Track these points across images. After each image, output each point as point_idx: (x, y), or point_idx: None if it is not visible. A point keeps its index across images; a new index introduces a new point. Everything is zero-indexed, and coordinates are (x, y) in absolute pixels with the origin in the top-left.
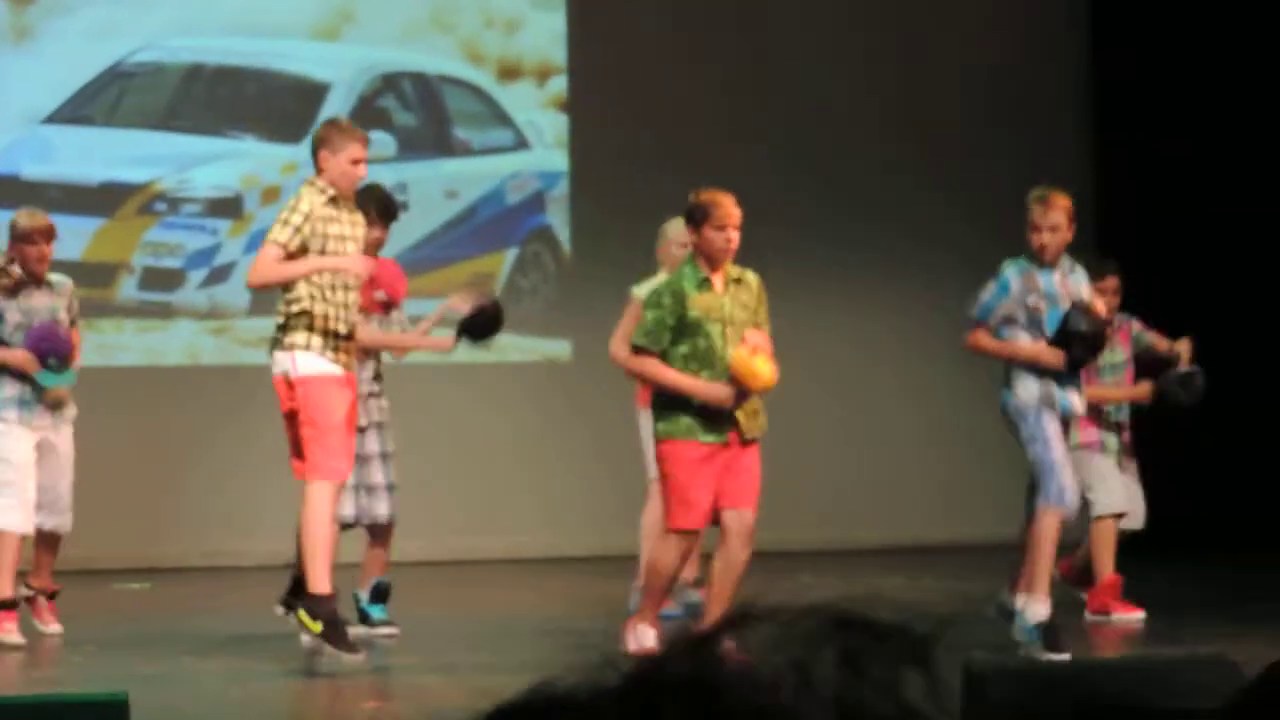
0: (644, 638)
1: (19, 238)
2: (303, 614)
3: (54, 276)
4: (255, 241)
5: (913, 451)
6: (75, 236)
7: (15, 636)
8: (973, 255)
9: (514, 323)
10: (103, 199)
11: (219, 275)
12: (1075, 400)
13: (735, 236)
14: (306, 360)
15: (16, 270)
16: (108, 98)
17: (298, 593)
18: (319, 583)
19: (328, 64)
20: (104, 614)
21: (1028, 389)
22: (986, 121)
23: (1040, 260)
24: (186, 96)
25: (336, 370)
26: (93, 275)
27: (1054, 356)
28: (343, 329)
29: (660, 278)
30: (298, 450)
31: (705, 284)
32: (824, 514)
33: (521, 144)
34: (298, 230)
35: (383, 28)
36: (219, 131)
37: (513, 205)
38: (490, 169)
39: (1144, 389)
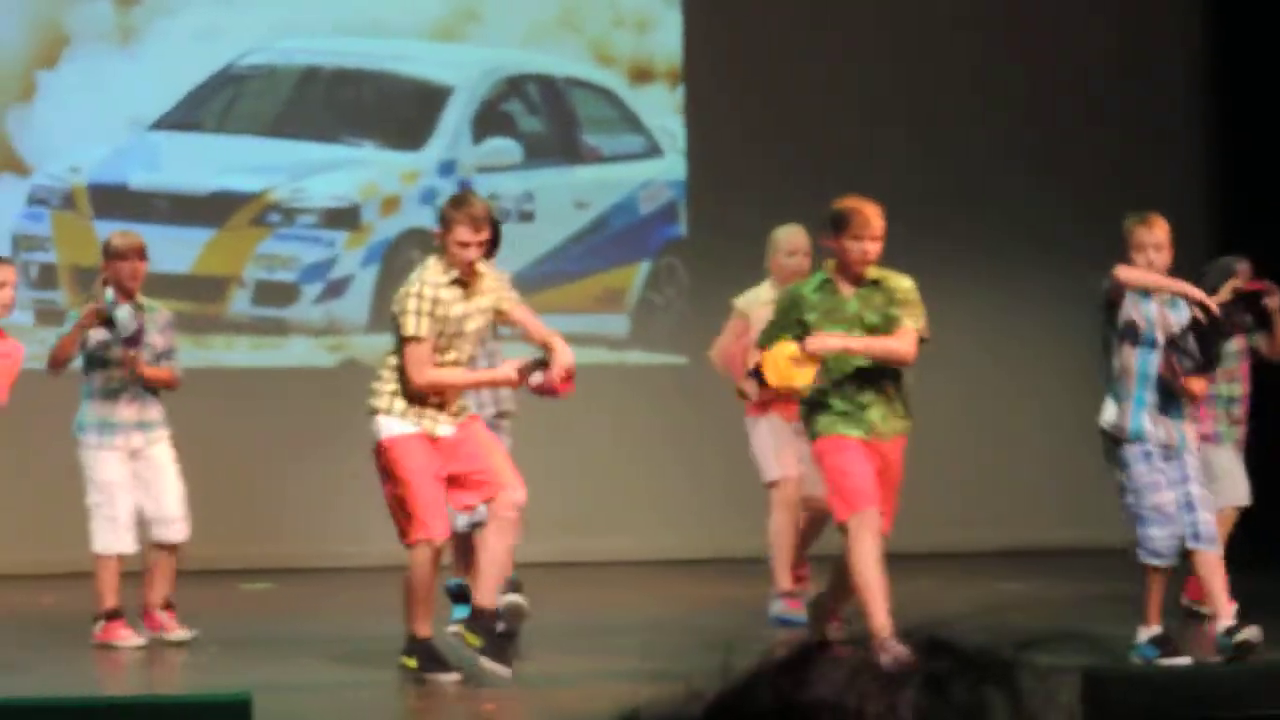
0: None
1: (113, 255)
2: (406, 659)
3: (150, 303)
4: (374, 254)
5: (1034, 453)
6: (184, 249)
7: (132, 639)
8: (1094, 259)
9: (643, 340)
10: (213, 209)
11: (335, 289)
12: (1181, 431)
13: (872, 248)
14: (389, 424)
15: (105, 299)
16: (219, 102)
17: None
18: (421, 626)
19: (449, 66)
20: (228, 614)
21: (1136, 422)
22: (1106, 121)
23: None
24: (301, 101)
25: (416, 429)
26: (202, 289)
27: (1196, 291)
28: (434, 397)
29: (763, 288)
30: (395, 515)
31: (828, 285)
32: (944, 516)
33: (654, 150)
34: (429, 316)
35: (507, 28)
36: (335, 138)
37: (645, 216)
38: (621, 177)
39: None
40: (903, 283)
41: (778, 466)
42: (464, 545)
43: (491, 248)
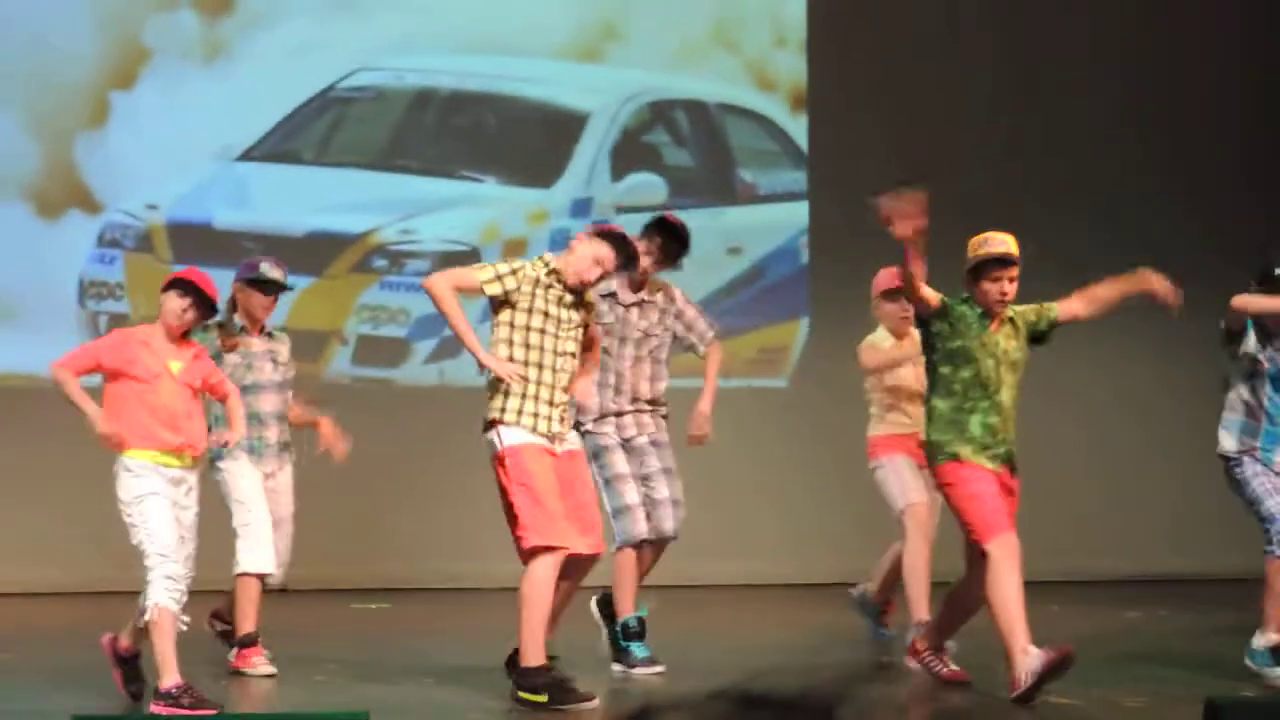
0: (949, 664)
1: (256, 284)
2: (524, 693)
3: (278, 332)
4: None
5: (1151, 482)
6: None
7: (265, 667)
8: (1219, 286)
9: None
10: (310, 253)
11: (451, 347)
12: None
13: (1010, 288)
14: (507, 432)
15: (236, 329)
16: (317, 130)
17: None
18: (535, 655)
19: (586, 90)
20: (344, 634)
21: (1236, 440)
22: (1241, 151)
23: None
24: (413, 129)
25: (533, 437)
26: (297, 346)
27: None
28: (545, 400)
29: (879, 333)
30: (512, 526)
31: (985, 319)
32: (1063, 544)
33: None
34: (499, 277)
35: (652, 46)
36: (452, 171)
37: (808, 264)
38: (781, 219)
39: None
40: (1022, 315)
41: (907, 493)
42: None
43: (665, 259)
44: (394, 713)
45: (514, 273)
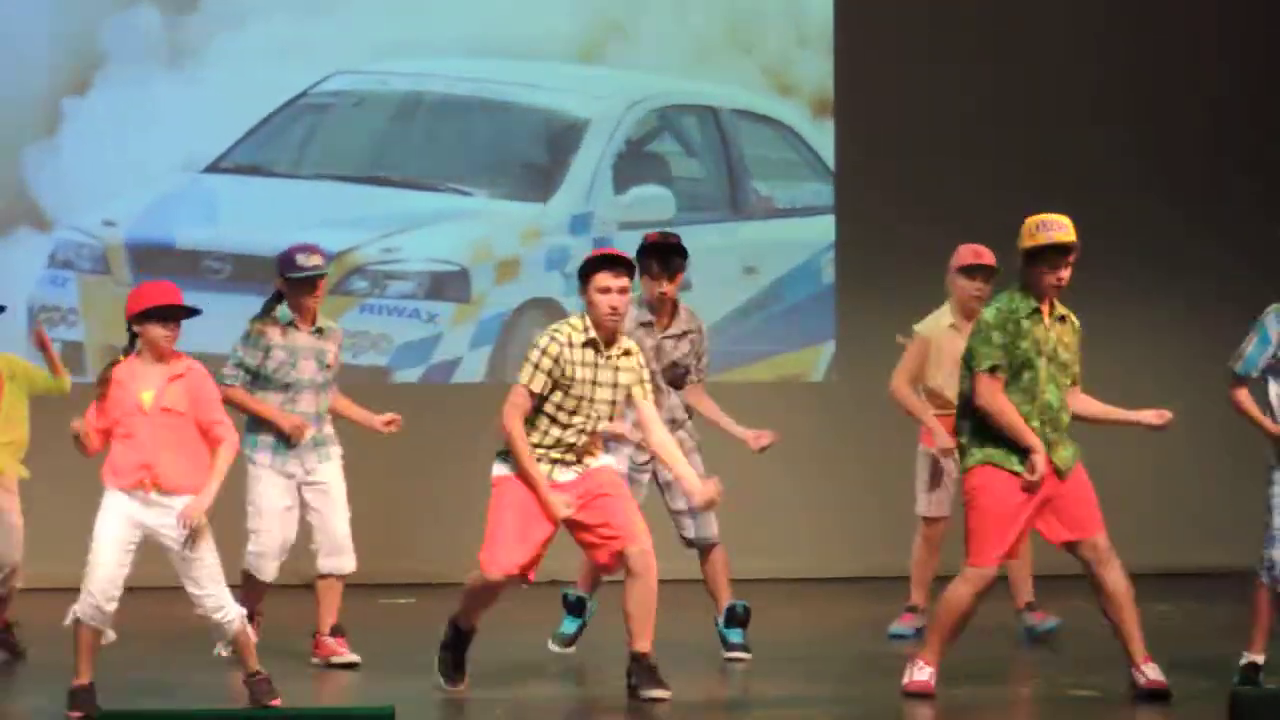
0: (919, 674)
1: (293, 279)
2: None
3: (327, 324)
4: (486, 332)
5: (1182, 476)
6: (245, 321)
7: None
8: (1246, 301)
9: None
10: None
11: (438, 375)
12: None
13: (1067, 275)
14: (499, 467)
15: (284, 322)
16: (291, 139)
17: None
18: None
19: (586, 94)
20: (370, 629)
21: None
22: (1264, 159)
23: None
24: (397, 138)
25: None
26: None
27: None
28: (556, 455)
29: (944, 311)
30: None
31: (1036, 314)
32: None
33: None
34: (537, 369)
35: (660, 47)
36: (439, 184)
37: (830, 284)
38: (801, 236)
39: None
40: (1074, 321)
41: (930, 506)
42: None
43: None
44: (419, 707)
45: (553, 367)
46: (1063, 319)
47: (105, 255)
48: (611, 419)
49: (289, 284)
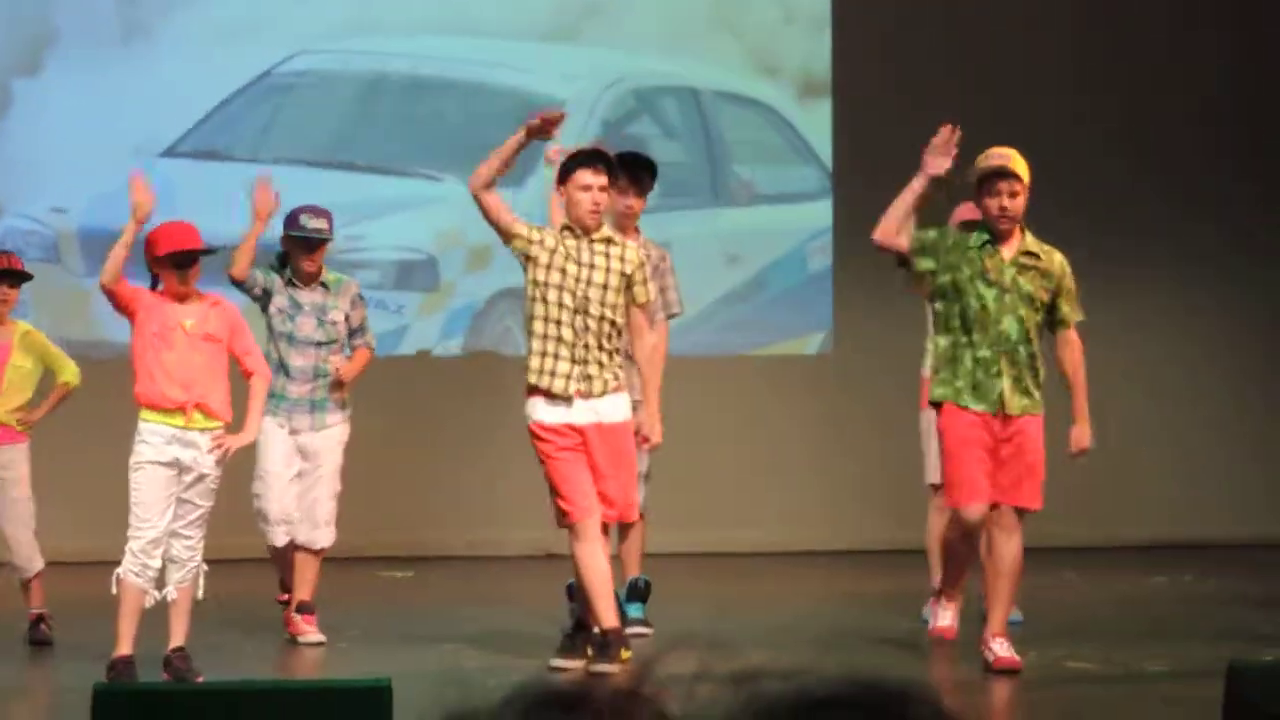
0: (941, 619)
1: (294, 238)
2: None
3: (335, 277)
4: (456, 322)
5: (1181, 448)
6: None
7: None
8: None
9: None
10: None
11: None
12: None
13: (1011, 203)
14: (533, 406)
15: (287, 278)
16: (252, 122)
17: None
18: (605, 619)
19: (560, 75)
20: (368, 602)
21: None
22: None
23: None
24: (362, 120)
25: (559, 417)
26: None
27: None
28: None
29: None
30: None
31: (989, 245)
32: (1092, 510)
33: (829, 188)
34: (530, 233)
35: (638, 25)
36: (408, 169)
37: (816, 274)
38: (786, 222)
39: None
40: (1060, 260)
41: (935, 472)
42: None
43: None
44: (416, 680)
45: (531, 229)
46: (1036, 255)
47: (57, 243)
48: (615, 319)
49: (288, 241)
